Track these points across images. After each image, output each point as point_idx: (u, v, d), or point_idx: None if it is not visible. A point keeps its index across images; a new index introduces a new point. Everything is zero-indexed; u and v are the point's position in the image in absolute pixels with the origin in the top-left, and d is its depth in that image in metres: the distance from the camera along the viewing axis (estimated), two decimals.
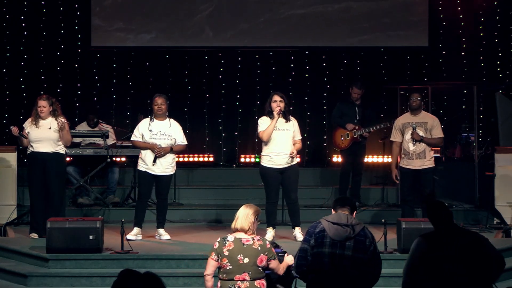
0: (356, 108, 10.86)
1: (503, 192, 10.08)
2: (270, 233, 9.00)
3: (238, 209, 6.01)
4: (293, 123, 9.05)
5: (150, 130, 9.01)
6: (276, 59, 12.89)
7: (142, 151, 9.06)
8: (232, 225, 5.97)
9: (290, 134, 8.96)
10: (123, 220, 8.30)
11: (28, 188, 9.42)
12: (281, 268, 5.95)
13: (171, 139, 9.03)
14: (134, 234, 9.00)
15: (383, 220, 8.34)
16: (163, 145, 8.98)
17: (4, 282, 8.07)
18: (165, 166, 9.02)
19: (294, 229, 9.05)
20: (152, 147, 8.95)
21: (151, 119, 9.08)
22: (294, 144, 8.99)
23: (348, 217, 5.50)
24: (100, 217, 9.45)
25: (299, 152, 10.26)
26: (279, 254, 6.06)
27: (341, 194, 10.82)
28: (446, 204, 5.60)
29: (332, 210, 5.75)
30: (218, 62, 12.85)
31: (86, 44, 12.60)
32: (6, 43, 12.46)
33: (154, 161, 8.93)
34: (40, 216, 9.01)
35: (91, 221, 8.41)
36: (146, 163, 8.99)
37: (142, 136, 9.01)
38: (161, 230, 9.14)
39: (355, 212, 5.73)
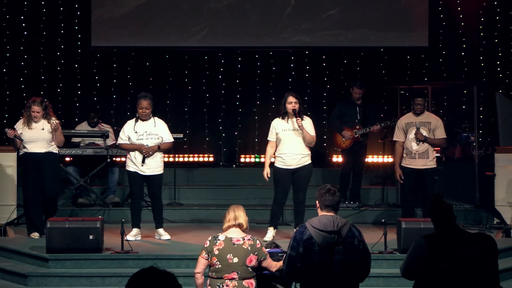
0: (357, 108, 10.85)
1: (503, 192, 10.08)
2: (270, 232, 9.00)
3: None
4: (305, 122, 8.97)
5: (136, 132, 8.97)
6: (276, 59, 12.88)
7: (130, 153, 9.03)
8: (228, 223, 5.95)
9: (300, 134, 8.92)
10: (123, 220, 8.31)
11: (22, 188, 9.41)
12: (274, 266, 5.95)
13: (158, 138, 9.00)
14: (133, 234, 9.00)
15: (383, 220, 8.37)
16: (150, 145, 8.95)
17: (4, 282, 8.06)
18: (154, 166, 8.99)
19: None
20: (139, 148, 8.91)
21: (136, 120, 9.04)
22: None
23: (333, 220, 5.31)
24: (100, 217, 9.44)
25: None
26: (279, 254, 6.05)
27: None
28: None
29: (317, 204, 5.47)
30: (218, 62, 12.84)
31: (86, 44, 12.60)
32: (6, 43, 12.45)
33: (143, 161, 8.91)
34: (37, 216, 9.01)
35: (91, 221, 8.40)
36: (135, 164, 8.98)
37: (129, 138, 8.98)
38: (161, 230, 9.13)
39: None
